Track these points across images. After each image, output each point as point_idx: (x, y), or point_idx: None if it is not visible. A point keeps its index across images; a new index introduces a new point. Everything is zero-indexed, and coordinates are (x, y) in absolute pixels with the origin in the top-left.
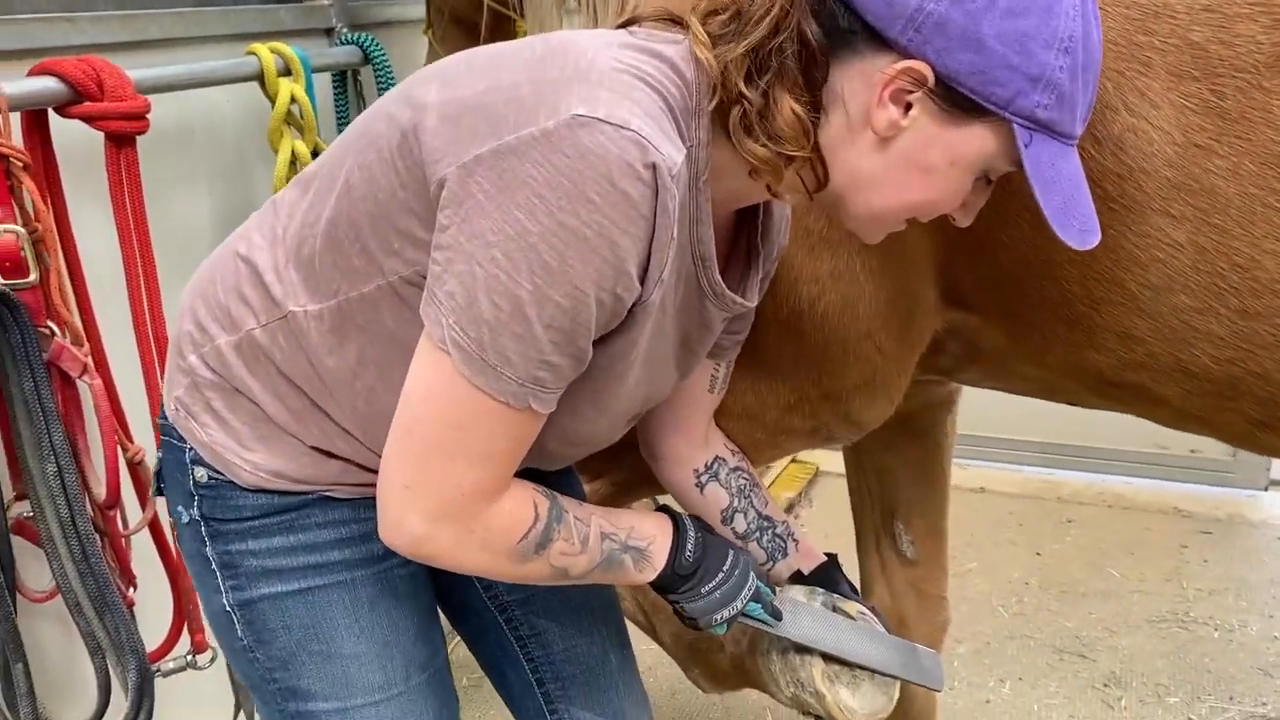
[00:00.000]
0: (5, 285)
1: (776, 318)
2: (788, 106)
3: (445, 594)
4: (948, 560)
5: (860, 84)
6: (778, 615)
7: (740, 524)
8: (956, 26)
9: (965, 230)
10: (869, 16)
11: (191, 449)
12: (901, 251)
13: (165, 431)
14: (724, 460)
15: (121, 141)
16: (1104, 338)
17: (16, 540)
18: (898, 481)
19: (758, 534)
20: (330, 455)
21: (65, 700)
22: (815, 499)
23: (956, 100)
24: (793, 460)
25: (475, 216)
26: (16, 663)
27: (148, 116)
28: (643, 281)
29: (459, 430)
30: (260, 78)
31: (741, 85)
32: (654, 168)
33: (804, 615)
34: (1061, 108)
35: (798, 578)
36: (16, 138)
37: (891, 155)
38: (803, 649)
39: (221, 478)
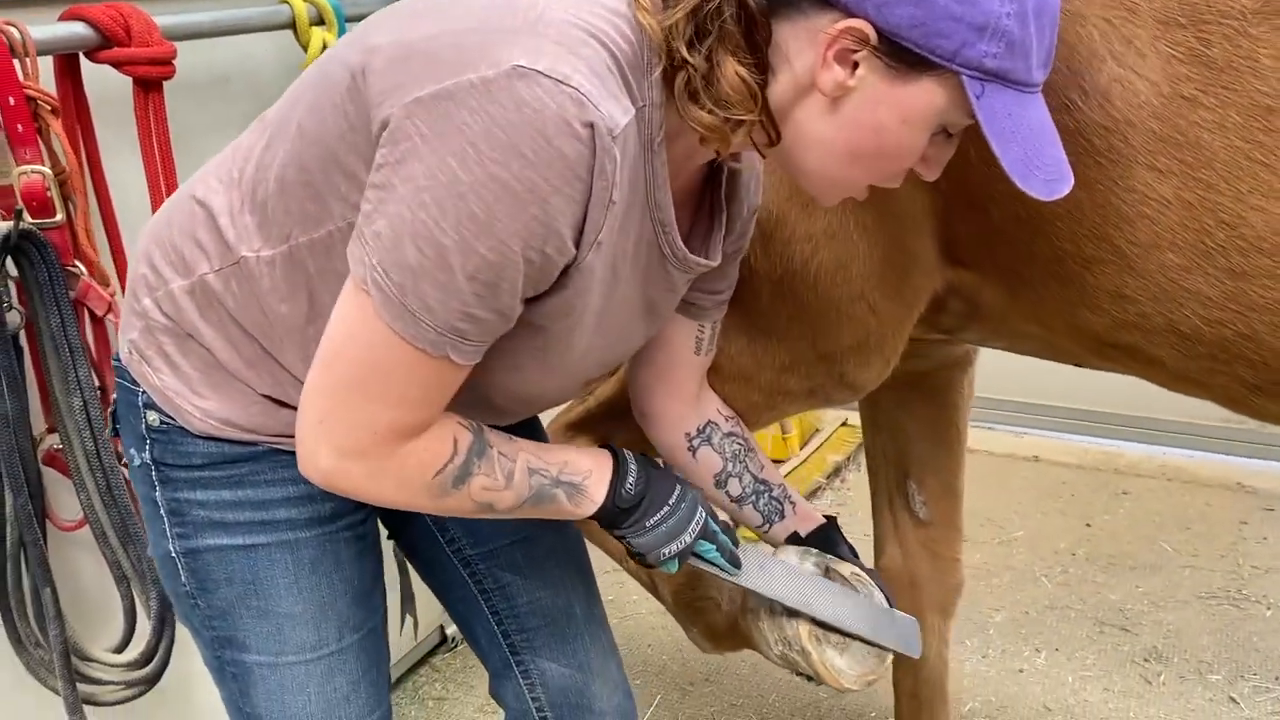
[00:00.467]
0: (33, 224)
1: (770, 278)
2: (732, 70)
3: (412, 548)
4: (962, 522)
5: (806, 44)
6: (737, 563)
7: (735, 488)
8: None
9: (959, 185)
10: None
11: (144, 392)
12: (896, 208)
13: (119, 374)
14: (717, 425)
15: (149, 86)
16: (1096, 296)
17: (49, 472)
18: (911, 441)
19: (753, 498)
20: (281, 404)
21: (96, 626)
22: (864, 463)
23: (902, 56)
24: (842, 424)
25: (409, 159)
26: (45, 587)
27: (174, 62)
28: (577, 243)
29: (376, 371)
30: (292, 26)
31: (684, 51)
32: (592, 126)
33: (773, 568)
34: (1013, 55)
35: (795, 539)
36: (47, 82)
37: (842, 115)
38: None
39: (172, 423)
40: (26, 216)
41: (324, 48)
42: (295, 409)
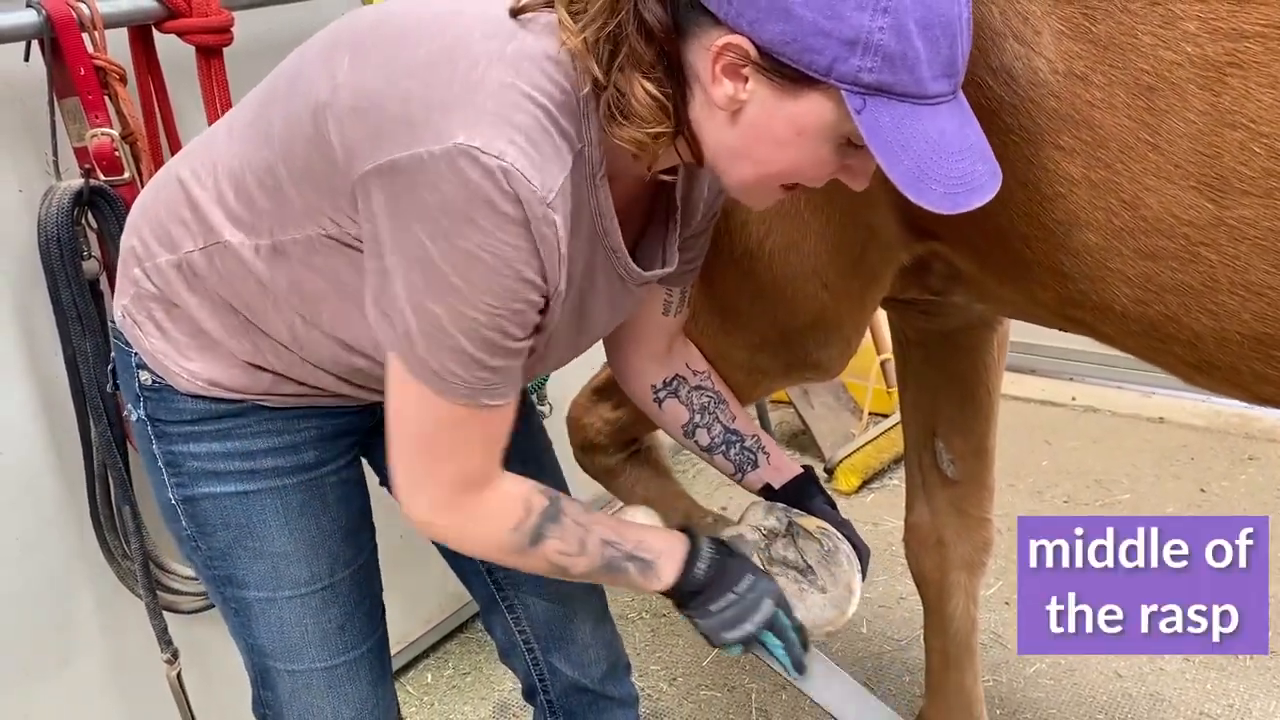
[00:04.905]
0: (104, 181)
1: (732, 257)
2: (639, 86)
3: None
4: (993, 481)
5: (702, 59)
6: (801, 668)
7: (703, 438)
8: None
9: None
10: None
11: (136, 354)
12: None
13: (115, 335)
14: (684, 379)
15: (209, 53)
16: (1040, 273)
17: None
18: (939, 399)
19: (724, 447)
20: (261, 369)
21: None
22: None
23: (784, 71)
24: None
25: (384, 235)
26: (124, 505)
27: (232, 30)
28: (546, 293)
29: (432, 430)
30: None
31: (598, 71)
32: (520, 199)
33: (836, 682)
34: (895, 69)
35: (768, 491)
36: (115, 52)
37: (743, 128)
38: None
39: (163, 381)
40: (99, 174)
41: None
42: (274, 374)
